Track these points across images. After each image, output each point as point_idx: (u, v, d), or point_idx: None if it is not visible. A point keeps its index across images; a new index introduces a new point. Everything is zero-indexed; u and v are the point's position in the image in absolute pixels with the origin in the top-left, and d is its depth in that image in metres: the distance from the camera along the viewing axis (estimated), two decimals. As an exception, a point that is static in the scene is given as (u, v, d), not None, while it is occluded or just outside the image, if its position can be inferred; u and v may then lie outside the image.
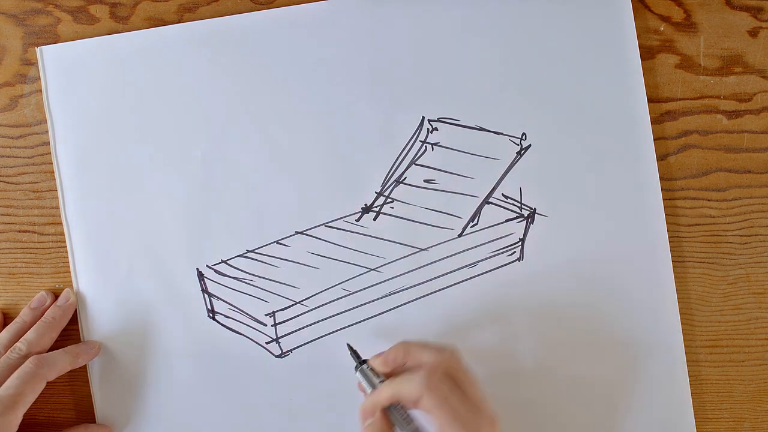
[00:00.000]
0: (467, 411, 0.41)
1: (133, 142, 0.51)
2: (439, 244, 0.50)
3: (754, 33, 0.51)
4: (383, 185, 0.51)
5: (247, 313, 0.50)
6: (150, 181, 0.51)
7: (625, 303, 0.50)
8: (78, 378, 0.51)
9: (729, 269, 0.51)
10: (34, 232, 0.52)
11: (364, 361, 0.46)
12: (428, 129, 0.50)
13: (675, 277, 0.50)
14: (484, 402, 0.43)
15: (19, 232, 0.52)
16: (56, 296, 0.51)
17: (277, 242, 0.51)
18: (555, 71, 0.50)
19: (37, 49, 0.51)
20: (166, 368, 0.50)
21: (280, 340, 0.50)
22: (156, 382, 0.50)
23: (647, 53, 0.51)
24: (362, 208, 0.51)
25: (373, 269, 0.50)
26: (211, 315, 0.51)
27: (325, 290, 0.50)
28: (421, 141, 0.50)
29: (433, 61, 0.50)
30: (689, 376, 0.50)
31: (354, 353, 0.47)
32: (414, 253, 0.50)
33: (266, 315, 0.50)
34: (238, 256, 0.51)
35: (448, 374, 0.42)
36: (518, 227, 0.50)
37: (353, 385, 0.47)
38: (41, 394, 0.46)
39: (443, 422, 0.41)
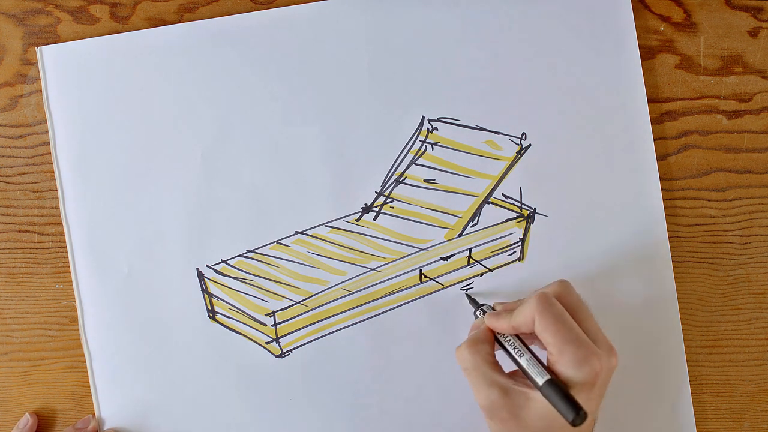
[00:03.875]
0: (581, 333, 0.38)
1: (133, 142, 0.51)
2: (439, 243, 0.50)
3: (754, 33, 0.51)
4: (383, 185, 0.51)
5: (247, 313, 0.50)
6: (150, 181, 0.51)
7: (625, 303, 0.50)
8: (78, 377, 0.51)
9: (729, 269, 0.51)
10: (34, 232, 0.52)
11: (482, 305, 0.47)
12: (428, 129, 0.50)
13: (675, 277, 0.50)
14: (600, 332, 0.39)
15: (19, 232, 0.52)
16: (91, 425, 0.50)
17: (277, 242, 0.51)
18: (555, 71, 0.50)
19: (37, 49, 0.51)
20: (166, 368, 0.50)
21: (280, 340, 0.50)
22: (156, 382, 0.50)
23: (647, 53, 0.51)
24: (362, 207, 0.51)
25: (373, 269, 0.50)
26: (211, 315, 0.51)
27: (325, 290, 0.50)
28: (421, 141, 0.50)
29: (433, 61, 0.50)
30: (689, 376, 0.50)
31: (473, 301, 0.48)
32: (414, 253, 0.50)
33: (266, 315, 0.50)
34: (238, 256, 0.51)
35: (560, 299, 0.39)
36: (518, 227, 0.50)
37: (353, 385, 0.47)
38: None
39: (557, 341, 0.37)
